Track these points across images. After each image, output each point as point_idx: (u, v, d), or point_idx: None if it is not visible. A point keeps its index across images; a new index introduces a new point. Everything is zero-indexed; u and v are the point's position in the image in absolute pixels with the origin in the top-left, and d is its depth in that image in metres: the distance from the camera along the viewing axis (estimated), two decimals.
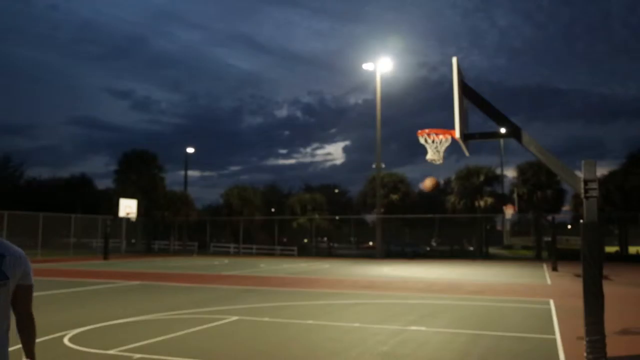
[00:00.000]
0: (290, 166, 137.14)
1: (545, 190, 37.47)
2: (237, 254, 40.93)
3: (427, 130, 7.30)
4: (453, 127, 6.79)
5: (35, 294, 2.97)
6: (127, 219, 37.85)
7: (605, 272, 9.37)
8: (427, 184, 6.22)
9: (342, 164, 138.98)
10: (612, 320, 8.00)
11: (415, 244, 42.04)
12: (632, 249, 36.84)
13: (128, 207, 35.10)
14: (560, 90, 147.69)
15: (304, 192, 51.86)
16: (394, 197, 41.11)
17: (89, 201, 48.55)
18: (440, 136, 7.20)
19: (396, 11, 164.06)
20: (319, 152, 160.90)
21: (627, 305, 11.66)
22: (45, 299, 11.75)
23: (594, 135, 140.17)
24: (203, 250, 43.22)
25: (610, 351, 6.03)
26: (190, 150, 53.87)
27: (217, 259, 33.44)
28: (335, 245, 49.11)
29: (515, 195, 38.70)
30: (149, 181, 45.33)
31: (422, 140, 7.33)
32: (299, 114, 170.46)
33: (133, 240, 43.91)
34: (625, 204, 33.96)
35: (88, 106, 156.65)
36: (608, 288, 7.65)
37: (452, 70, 6.82)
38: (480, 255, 37.57)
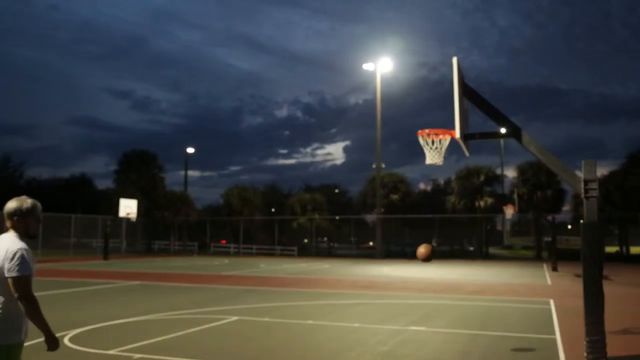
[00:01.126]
0: (290, 166, 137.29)
1: (545, 190, 37.46)
2: (237, 254, 40.93)
3: (427, 131, 7.29)
4: (453, 127, 6.79)
5: (35, 294, 2.98)
6: (127, 219, 37.86)
7: (605, 272, 9.37)
8: (422, 251, 6.06)
9: (342, 164, 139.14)
10: (612, 320, 8.00)
11: (415, 244, 41.99)
12: (635, 249, 36.84)
13: (128, 207, 35.10)
14: (561, 90, 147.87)
15: (304, 192, 51.86)
16: (394, 197, 41.12)
17: (89, 201, 48.55)
18: (440, 136, 7.20)
19: (396, 11, 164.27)
20: (319, 152, 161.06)
21: (627, 305, 11.66)
22: (45, 299, 11.74)
23: (594, 135, 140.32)
24: (203, 250, 43.22)
25: (610, 351, 6.03)
26: (190, 150, 53.93)
27: (217, 259, 33.44)
28: (335, 245, 49.11)
29: (515, 195, 38.70)
30: (149, 181, 45.31)
31: (422, 142, 7.32)
32: (299, 114, 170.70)
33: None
34: (625, 204, 33.95)
35: (88, 106, 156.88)
36: (608, 288, 7.64)
37: (452, 70, 6.82)
38: (480, 255, 37.57)
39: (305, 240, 45.33)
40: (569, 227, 45.70)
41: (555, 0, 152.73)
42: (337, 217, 45.45)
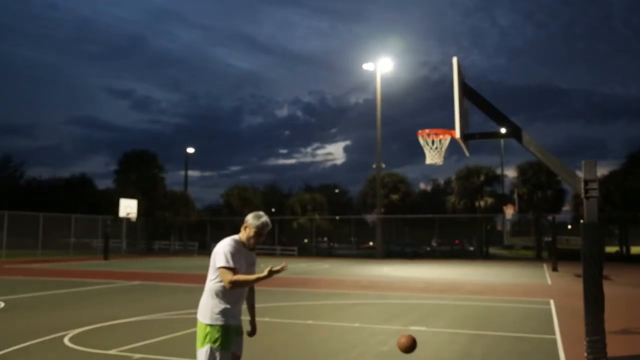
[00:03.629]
0: (291, 166, 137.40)
1: (546, 190, 37.46)
2: None
3: (427, 131, 7.29)
4: (453, 127, 6.78)
5: (35, 294, 2.98)
6: (127, 219, 37.85)
7: (605, 272, 9.37)
8: (402, 342, 5.79)
9: (343, 164, 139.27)
10: (612, 320, 8.00)
11: (416, 244, 42.06)
12: (635, 249, 36.82)
13: (128, 207, 35.09)
14: (561, 90, 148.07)
15: (304, 192, 51.88)
16: (394, 197, 41.12)
17: (89, 201, 48.53)
18: (441, 136, 7.20)
19: (397, 10, 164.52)
20: (320, 152, 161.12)
21: (627, 305, 11.66)
22: (45, 299, 11.74)
23: (594, 135, 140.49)
24: (203, 250, 43.20)
25: (611, 351, 6.03)
26: (190, 150, 53.95)
27: None
28: (336, 245, 49.10)
29: (515, 195, 38.70)
30: (149, 181, 45.30)
31: (422, 142, 7.31)
32: (299, 113, 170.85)
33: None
34: (625, 204, 33.95)
35: (88, 106, 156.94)
36: (608, 288, 7.64)
37: (452, 70, 6.81)
38: (480, 255, 37.57)
39: (306, 240, 45.34)
40: (569, 227, 45.73)
41: (555, 0, 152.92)
42: (337, 217, 45.45)
